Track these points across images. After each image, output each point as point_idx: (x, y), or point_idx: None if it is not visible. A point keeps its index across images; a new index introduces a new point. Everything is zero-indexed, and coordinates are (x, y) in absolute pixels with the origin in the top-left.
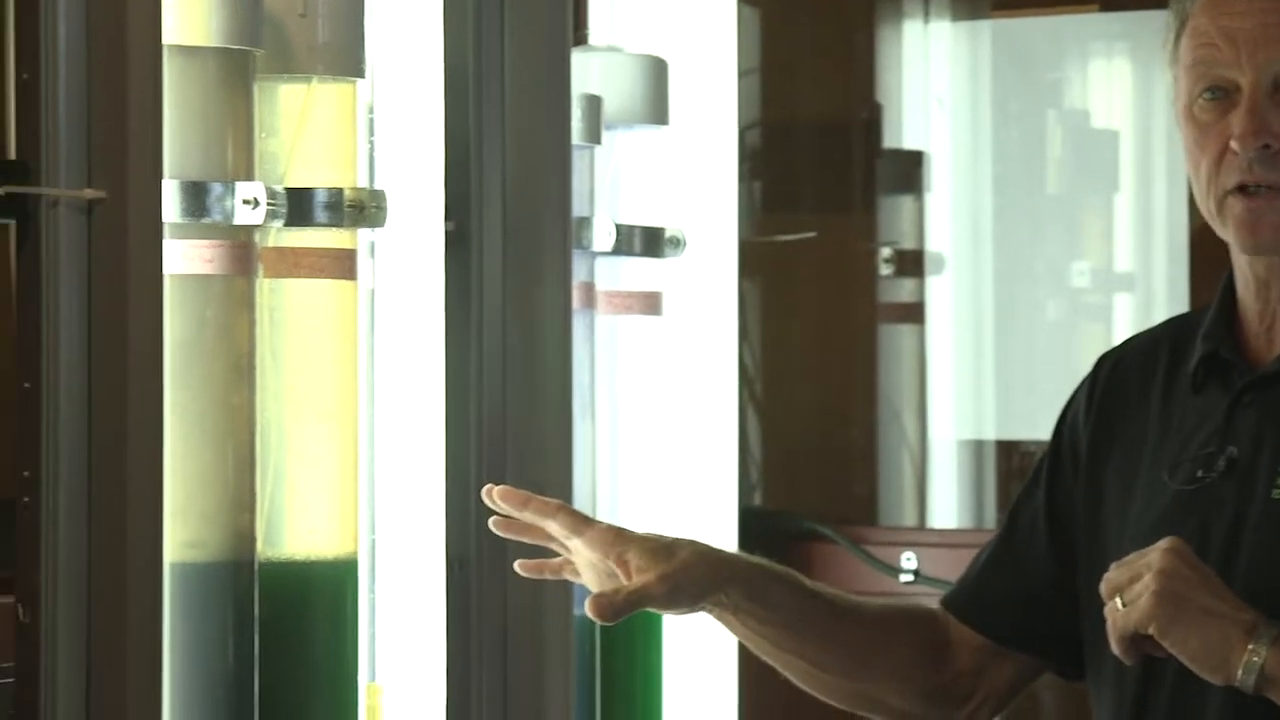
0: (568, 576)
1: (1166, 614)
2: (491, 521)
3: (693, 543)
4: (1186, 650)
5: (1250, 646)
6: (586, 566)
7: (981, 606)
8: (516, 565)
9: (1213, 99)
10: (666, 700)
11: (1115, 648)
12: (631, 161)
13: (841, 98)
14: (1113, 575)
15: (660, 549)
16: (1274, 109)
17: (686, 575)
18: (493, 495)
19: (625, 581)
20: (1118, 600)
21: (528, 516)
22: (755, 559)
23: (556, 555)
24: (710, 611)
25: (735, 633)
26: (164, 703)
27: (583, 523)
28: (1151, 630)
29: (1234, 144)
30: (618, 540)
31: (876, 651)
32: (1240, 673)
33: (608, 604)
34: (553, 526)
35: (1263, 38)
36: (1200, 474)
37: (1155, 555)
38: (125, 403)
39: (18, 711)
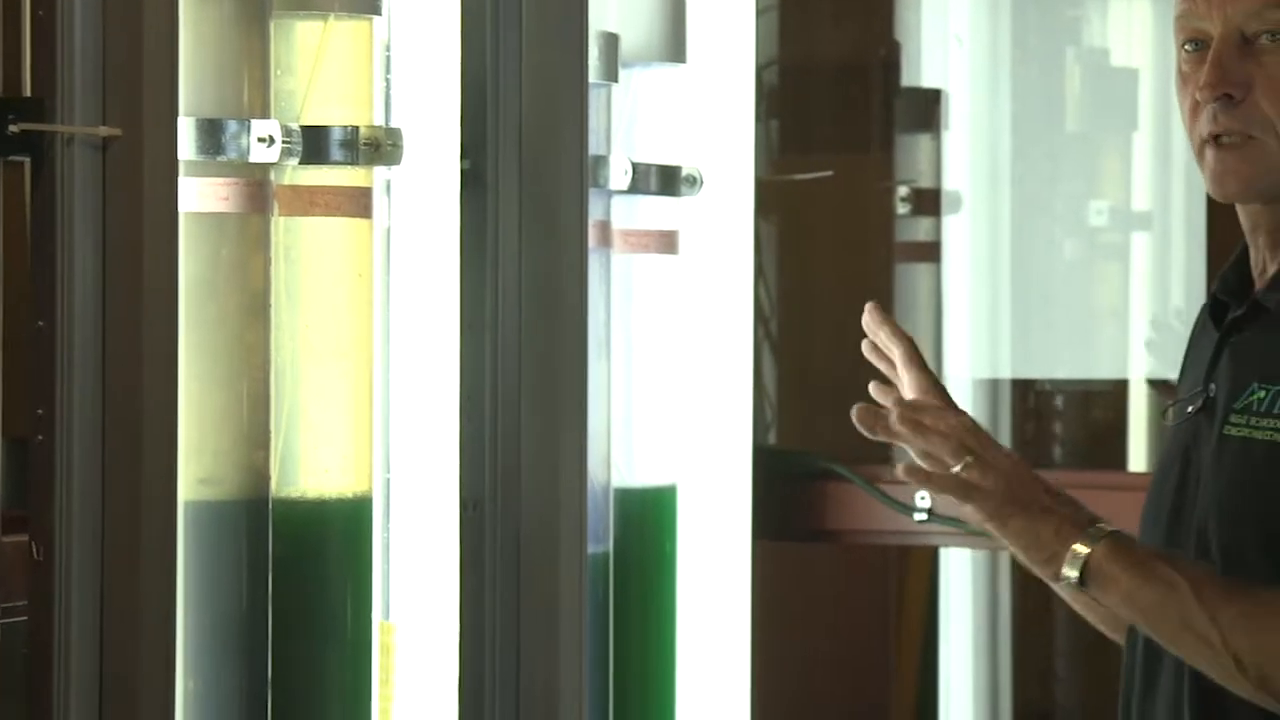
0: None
1: (1008, 508)
2: (863, 345)
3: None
4: (1022, 542)
5: (1078, 542)
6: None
7: None
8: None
9: (1194, 50)
10: (680, 638)
11: (928, 485)
12: (648, 100)
13: (859, 36)
14: (966, 437)
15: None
16: (1240, 60)
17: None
18: (865, 312)
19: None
20: (959, 467)
21: (882, 337)
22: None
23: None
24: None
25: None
26: (178, 640)
27: (916, 363)
28: (989, 522)
29: (1197, 94)
30: (932, 389)
31: None
32: (1066, 566)
33: (872, 417)
34: (897, 353)
35: None
36: (1189, 410)
37: (1003, 457)
38: (140, 341)
39: (31, 650)
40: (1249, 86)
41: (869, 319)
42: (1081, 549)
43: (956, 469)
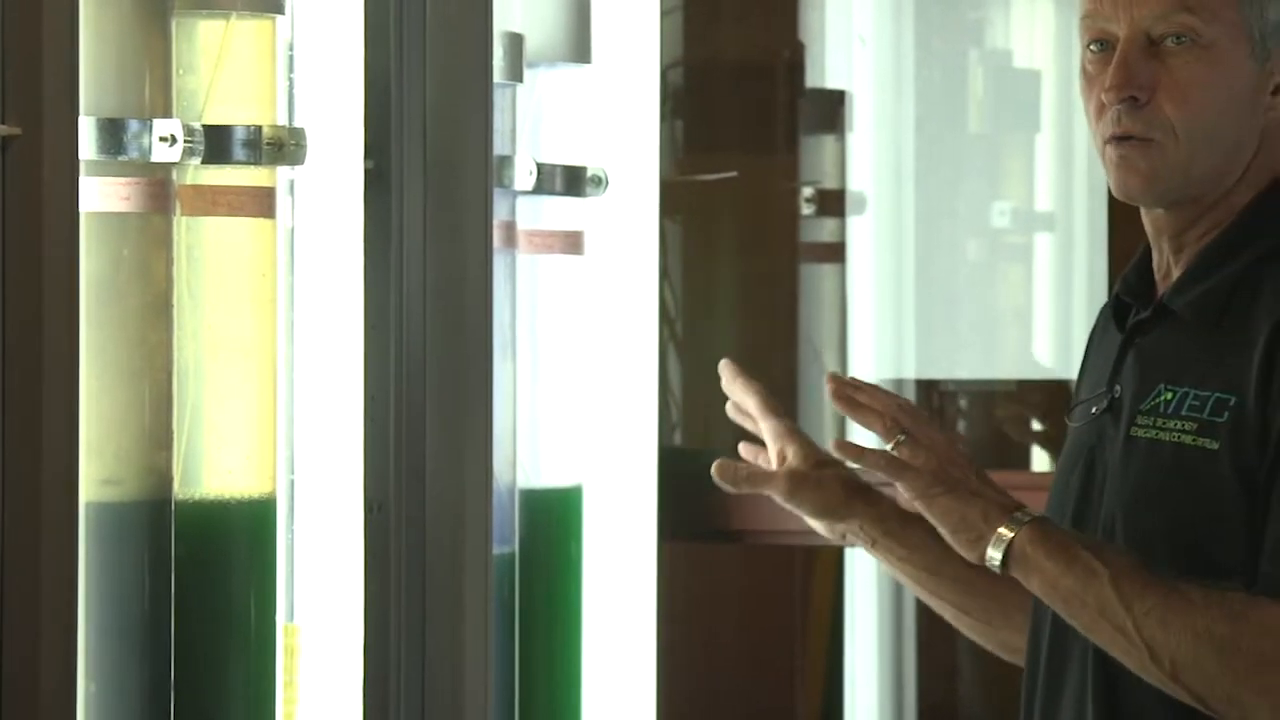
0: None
1: (936, 488)
2: (727, 407)
3: (850, 471)
4: (948, 522)
5: (1003, 525)
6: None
7: None
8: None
9: (1100, 51)
10: (586, 639)
11: (860, 461)
12: (553, 100)
13: (764, 37)
14: (900, 416)
15: (814, 458)
16: (1145, 62)
17: (815, 489)
18: (721, 369)
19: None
20: (890, 445)
21: (736, 391)
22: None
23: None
24: (854, 544)
25: (888, 570)
26: (79, 643)
27: (769, 410)
28: (917, 500)
29: (1103, 96)
30: (787, 435)
31: (1015, 604)
32: (990, 548)
33: (731, 471)
34: (750, 405)
35: None
36: (1093, 411)
37: (936, 436)
38: (40, 342)
39: None
40: (1154, 89)
41: (722, 375)
42: (1006, 532)
43: (888, 447)
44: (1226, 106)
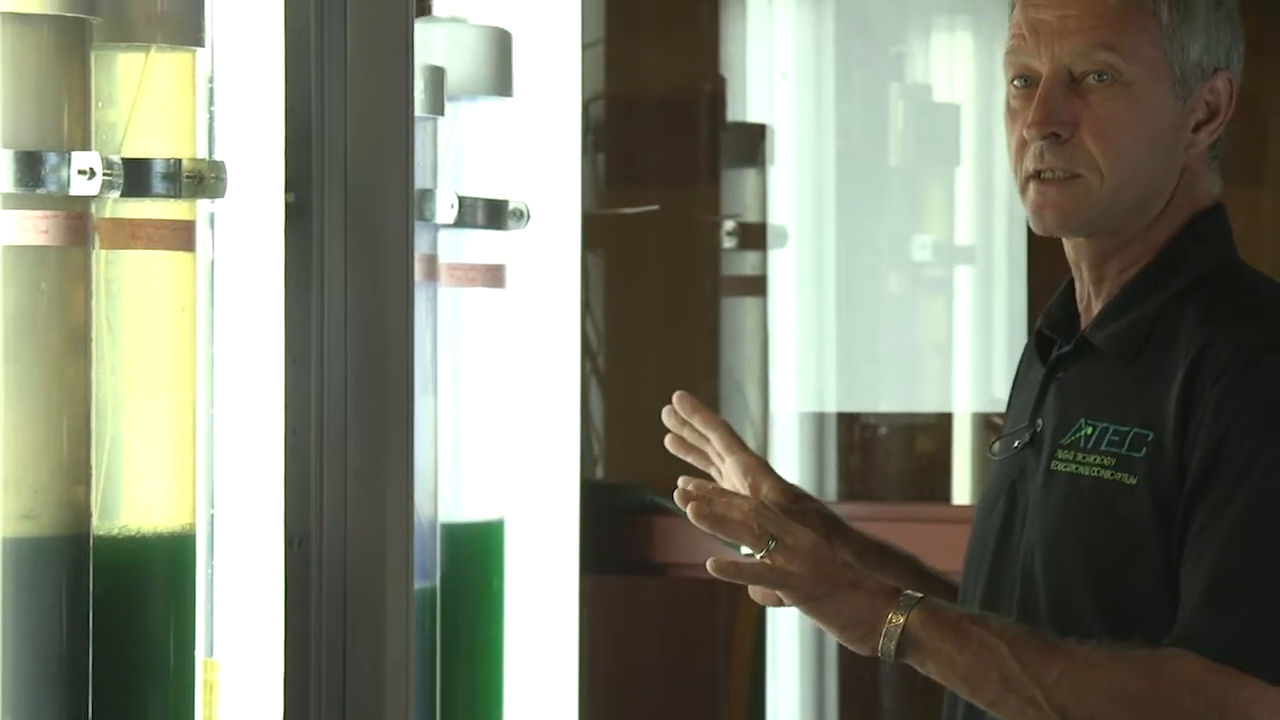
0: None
1: (819, 589)
2: (666, 440)
3: (821, 505)
4: (837, 621)
5: (892, 613)
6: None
7: None
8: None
9: (1023, 87)
10: (508, 673)
11: (754, 594)
12: (475, 133)
13: (686, 71)
14: (763, 522)
15: (790, 493)
16: (1067, 99)
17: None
18: (673, 403)
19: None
20: (762, 554)
21: (691, 429)
22: (878, 538)
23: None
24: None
25: None
26: None
27: (737, 445)
28: (802, 606)
29: (1025, 131)
30: (759, 468)
31: None
32: (883, 639)
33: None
34: (714, 439)
35: (1061, 30)
36: (1015, 445)
37: (803, 536)
38: None
39: None
40: (1075, 125)
41: (680, 407)
42: (897, 619)
43: (759, 556)
44: (1148, 143)
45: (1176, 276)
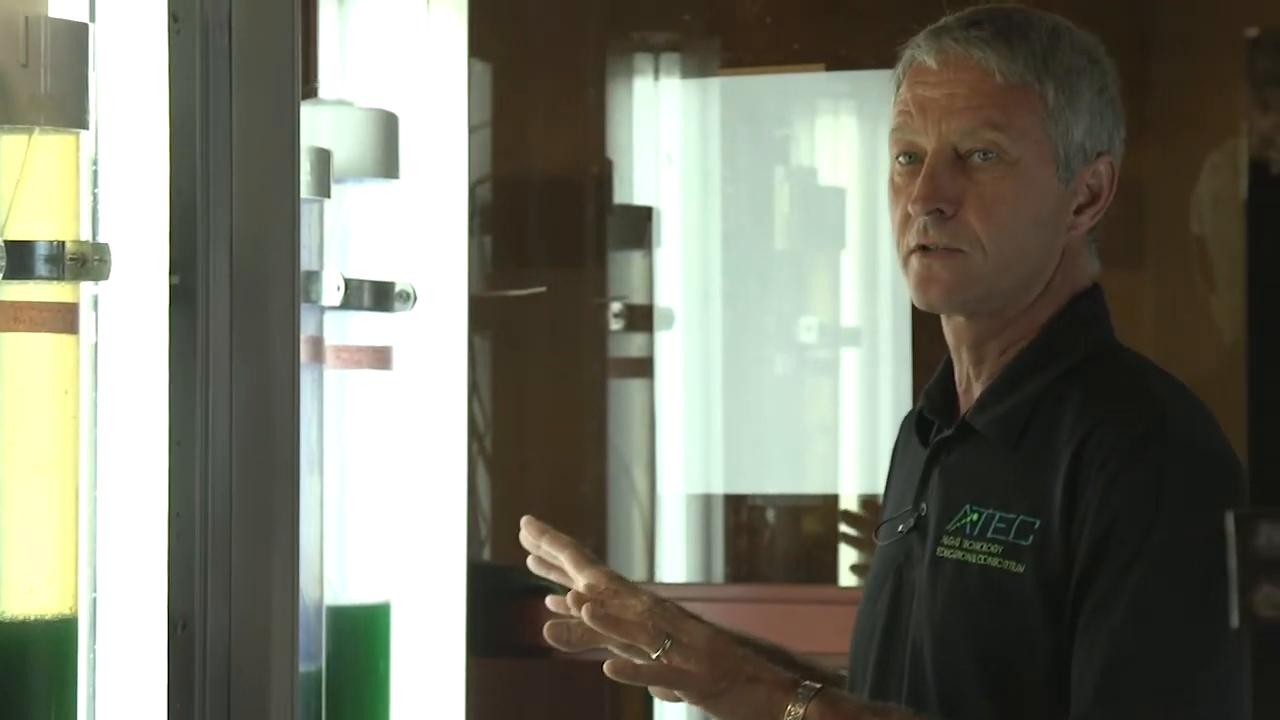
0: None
1: (718, 685)
2: (528, 561)
3: (674, 604)
4: (737, 716)
5: (791, 705)
6: None
7: None
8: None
9: (908, 164)
10: None
11: (653, 691)
12: (361, 215)
13: (572, 153)
14: (657, 620)
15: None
16: (952, 176)
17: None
18: (521, 527)
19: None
20: (657, 654)
21: (544, 548)
22: (739, 630)
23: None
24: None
25: None
26: None
27: (585, 563)
28: (701, 703)
29: (910, 207)
30: (610, 581)
31: None
32: None
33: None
34: (563, 560)
35: (948, 108)
36: (900, 529)
37: (699, 632)
38: None
39: None
40: (960, 202)
41: (528, 531)
42: (796, 710)
43: (655, 655)
44: (1031, 222)
45: (1057, 359)
